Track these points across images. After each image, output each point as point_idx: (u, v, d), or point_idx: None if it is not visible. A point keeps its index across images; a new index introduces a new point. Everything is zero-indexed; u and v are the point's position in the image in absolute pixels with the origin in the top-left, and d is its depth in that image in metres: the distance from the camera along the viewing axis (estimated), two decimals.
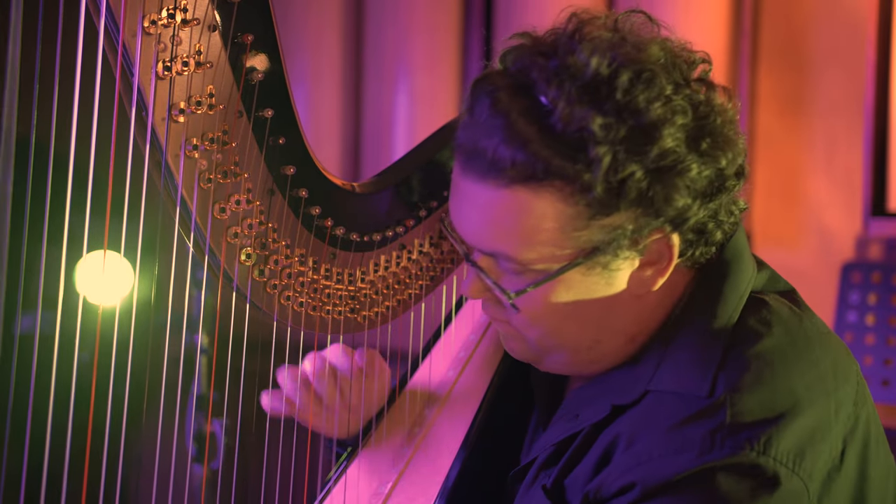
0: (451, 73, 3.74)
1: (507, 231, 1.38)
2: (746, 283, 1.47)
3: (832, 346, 1.45)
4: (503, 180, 1.34)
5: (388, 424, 1.74)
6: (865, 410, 1.44)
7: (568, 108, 1.31)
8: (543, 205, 1.34)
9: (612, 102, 1.31)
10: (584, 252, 1.37)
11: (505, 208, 1.36)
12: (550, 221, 1.35)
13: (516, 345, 1.52)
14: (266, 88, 1.47)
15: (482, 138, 1.35)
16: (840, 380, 1.41)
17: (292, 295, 1.59)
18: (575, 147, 1.31)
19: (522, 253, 1.38)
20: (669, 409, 1.37)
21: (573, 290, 1.41)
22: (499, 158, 1.33)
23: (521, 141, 1.32)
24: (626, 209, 1.34)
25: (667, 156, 1.32)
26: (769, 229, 3.50)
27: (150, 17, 1.36)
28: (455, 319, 1.86)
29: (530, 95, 1.34)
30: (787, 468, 1.31)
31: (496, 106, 1.35)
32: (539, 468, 1.49)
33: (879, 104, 3.32)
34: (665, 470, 1.32)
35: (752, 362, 1.37)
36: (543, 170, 1.32)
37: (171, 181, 1.44)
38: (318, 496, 1.69)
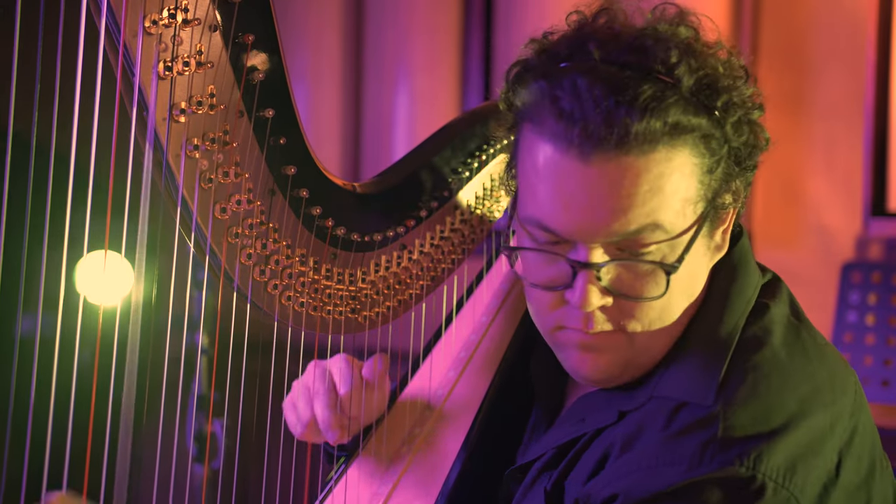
0: (451, 74, 3.74)
1: (656, 198, 1.34)
2: (752, 288, 1.47)
3: (829, 358, 1.45)
4: (648, 145, 1.33)
5: (389, 425, 1.74)
6: (862, 421, 1.43)
7: (686, 64, 1.35)
8: (682, 161, 1.35)
9: (707, 56, 1.38)
10: (709, 209, 1.39)
11: (653, 173, 1.34)
12: (688, 178, 1.36)
13: (604, 359, 1.43)
14: (267, 88, 1.47)
15: (612, 110, 1.31)
16: (837, 392, 1.41)
17: (293, 295, 1.58)
18: (704, 97, 1.36)
19: (672, 219, 1.36)
20: (664, 418, 1.37)
21: (695, 257, 1.41)
22: (642, 123, 1.32)
23: (658, 101, 1.32)
24: (727, 158, 1.39)
25: (748, 101, 1.40)
26: (769, 229, 3.50)
27: (152, 17, 1.36)
28: (456, 319, 1.86)
29: (636, 65, 1.35)
30: (777, 483, 1.30)
31: (610, 77, 1.33)
32: (540, 470, 1.49)
33: (879, 104, 3.32)
34: (651, 483, 1.31)
35: (749, 374, 1.37)
36: (685, 123, 1.34)
37: (172, 181, 1.44)
38: (318, 497, 1.69)
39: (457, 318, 1.86)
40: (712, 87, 1.36)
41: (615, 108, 1.31)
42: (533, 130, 1.39)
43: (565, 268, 1.39)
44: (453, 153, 1.72)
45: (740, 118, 1.39)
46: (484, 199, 1.77)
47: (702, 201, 1.38)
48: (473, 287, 1.89)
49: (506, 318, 1.82)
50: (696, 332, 1.43)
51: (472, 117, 1.77)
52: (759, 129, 1.42)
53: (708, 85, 1.36)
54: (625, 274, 1.38)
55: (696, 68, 1.36)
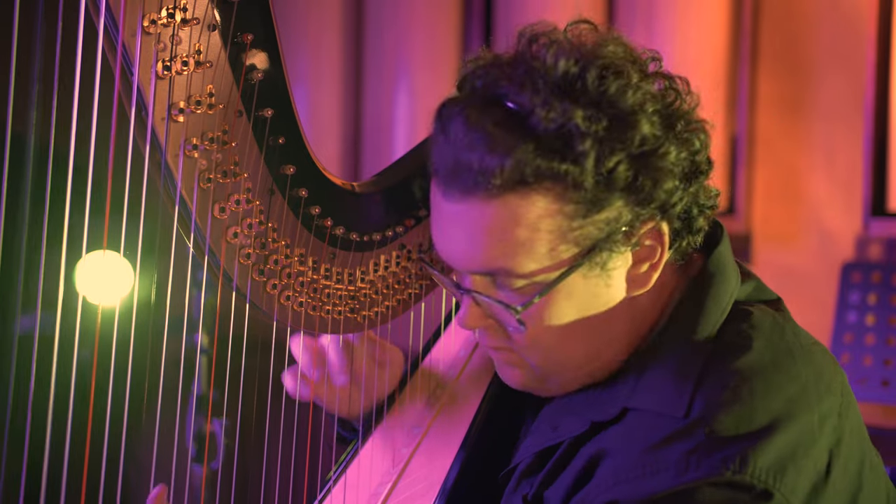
0: (450, 73, 3.74)
1: (504, 244, 1.36)
2: (729, 295, 1.46)
3: (815, 359, 1.44)
4: (492, 191, 1.34)
5: (388, 424, 1.74)
6: (850, 422, 1.43)
7: (545, 107, 1.32)
8: (536, 209, 1.34)
9: (587, 96, 1.33)
10: (583, 253, 1.37)
11: (498, 220, 1.35)
12: (545, 225, 1.35)
13: (515, 372, 1.50)
14: (266, 88, 1.47)
15: (463, 155, 1.34)
16: (823, 392, 1.40)
17: (292, 295, 1.58)
18: (560, 144, 1.32)
19: (522, 264, 1.37)
20: (648, 429, 1.37)
21: (575, 297, 1.40)
22: (485, 169, 1.33)
23: (505, 147, 1.32)
24: (617, 201, 1.35)
25: (647, 141, 1.34)
26: (769, 229, 3.50)
27: (150, 16, 1.36)
28: (455, 319, 1.86)
29: (503, 105, 1.35)
30: (767, 484, 1.30)
31: (471, 120, 1.35)
32: (521, 475, 1.50)
33: (879, 105, 3.32)
34: (644, 489, 1.31)
35: (731, 379, 1.36)
36: (532, 173, 1.32)
37: (171, 181, 1.44)
38: (317, 496, 1.69)
39: (456, 317, 1.86)
40: (574, 132, 1.32)
41: (468, 151, 1.34)
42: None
43: (454, 290, 1.50)
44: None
45: (619, 163, 1.33)
46: None
47: (570, 245, 1.36)
48: None
49: None
50: (667, 340, 1.43)
51: None
52: (660, 170, 1.35)
53: (567, 131, 1.32)
54: (489, 305, 1.43)
55: (557, 115, 1.32)
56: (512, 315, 1.40)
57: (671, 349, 1.42)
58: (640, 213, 1.36)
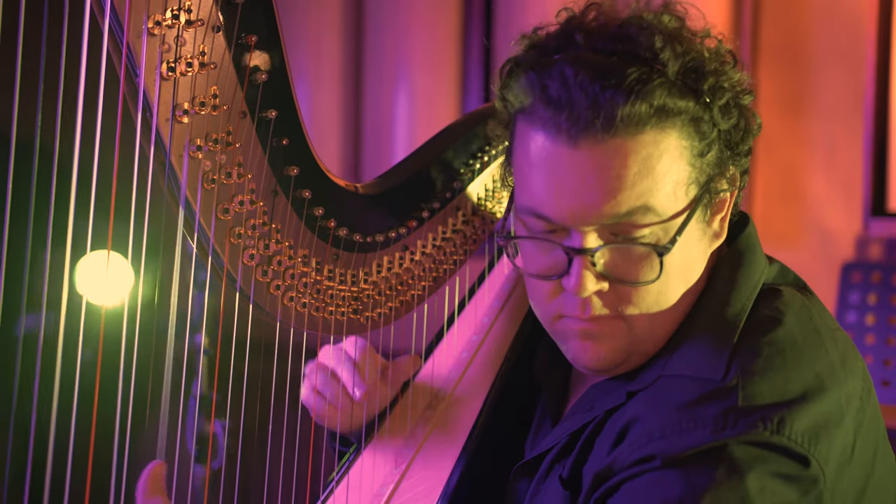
0: (451, 73, 3.74)
1: (646, 180, 1.35)
2: (759, 273, 1.48)
3: (840, 341, 1.46)
4: (635, 127, 1.34)
5: (391, 425, 1.74)
6: (872, 409, 1.44)
7: (671, 49, 1.36)
8: (671, 144, 1.36)
9: (692, 42, 1.40)
10: (701, 193, 1.40)
11: (642, 154, 1.35)
12: (678, 161, 1.37)
13: (604, 347, 1.44)
14: (270, 89, 1.47)
15: (600, 96, 1.33)
16: (848, 372, 1.41)
17: (295, 296, 1.59)
18: (689, 81, 1.37)
19: (663, 200, 1.37)
20: (681, 391, 1.37)
21: (690, 242, 1.41)
22: (629, 105, 1.33)
23: (643, 82, 1.34)
24: (720, 142, 1.40)
25: (737, 84, 1.42)
26: (769, 229, 3.50)
27: (155, 17, 1.36)
28: (458, 320, 1.86)
29: (622, 52, 1.37)
30: (803, 448, 1.31)
31: (596, 62, 1.36)
32: (553, 460, 1.49)
33: (879, 104, 3.32)
34: (682, 443, 1.31)
35: (765, 349, 1.38)
36: (668, 108, 1.35)
37: (175, 182, 1.44)
38: (320, 497, 1.69)
39: (459, 318, 1.86)
40: (698, 70, 1.38)
41: (601, 92, 1.33)
42: (525, 121, 1.42)
43: (561, 255, 1.41)
44: (455, 154, 1.72)
45: (728, 101, 1.40)
46: (486, 199, 1.77)
47: (694, 185, 1.39)
48: (475, 288, 1.89)
49: (508, 318, 1.82)
50: (701, 314, 1.44)
51: (473, 118, 1.77)
52: (749, 114, 1.44)
53: (693, 69, 1.38)
54: (619, 258, 1.39)
55: (681, 53, 1.37)
56: (648, 260, 1.38)
57: (705, 322, 1.43)
58: (730, 157, 1.42)
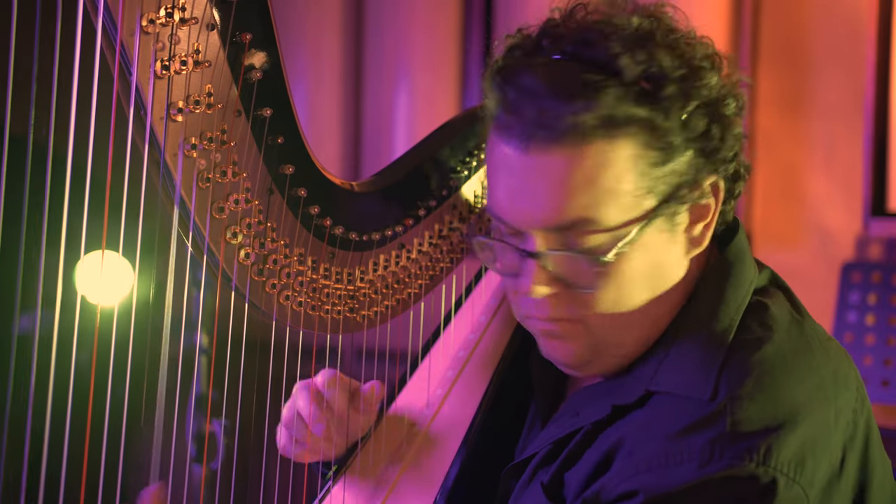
0: (451, 73, 3.74)
1: (591, 192, 1.35)
2: (748, 284, 1.47)
3: (832, 353, 1.45)
4: (583, 137, 1.34)
5: (388, 424, 1.73)
6: (864, 417, 1.44)
7: (630, 53, 1.34)
8: (623, 155, 1.35)
9: (664, 46, 1.37)
10: (660, 203, 1.38)
11: (587, 167, 1.34)
12: (630, 172, 1.35)
13: (570, 346, 1.45)
14: (264, 87, 1.47)
15: (548, 104, 1.34)
16: (840, 387, 1.41)
17: (291, 294, 1.58)
18: (647, 89, 1.35)
19: (607, 213, 1.36)
20: (671, 415, 1.36)
21: (649, 252, 1.40)
22: (575, 115, 1.33)
23: (594, 93, 1.33)
24: (689, 149, 1.37)
25: (714, 89, 1.39)
26: (769, 229, 3.50)
27: (149, 15, 1.36)
28: (454, 319, 1.86)
29: (581, 57, 1.36)
30: (788, 477, 1.30)
31: (554, 71, 1.36)
32: (537, 466, 1.49)
33: (879, 104, 3.32)
34: (666, 480, 1.31)
35: (754, 369, 1.36)
36: (620, 118, 1.33)
37: (170, 180, 1.44)
38: (317, 496, 1.69)
39: (455, 317, 1.86)
40: (658, 77, 1.35)
41: (550, 101, 1.34)
42: (492, 126, 1.43)
43: (516, 257, 1.43)
44: (452, 152, 1.72)
45: (697, 108, 1.37)
46: (483, 197, 1.77)
47: (651, 194, 1.37)
48: (472, 286, 1.89)
49: (504, 317, 1.82)
50: (688, 327, 1.43)
51: (470, 116, 1.76)
52: (728, 120, 1.41)
53: (654, 75, 1.35)
54: (568, 263, 1.40)
55: (642, 60, 1.35)
56: (592, 268, 1.38)
57: (693, 335, 1.42)
58: (705, 165, 1.39)
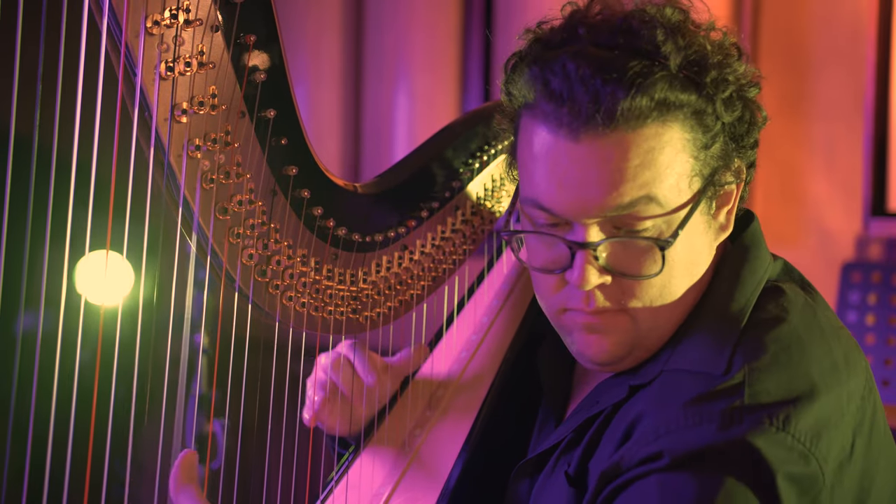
0: (451, 73, 3.74)
1: (649, 170, 1.36)
2: (764, 269, 1.49)
3: (844, 339, 1.46)
4: (638, 119, 1.35)
5: (390, 425, 1.74)
6: (872, 406, 1.44)
7: (673, 40, 1.37)
8: (673, 137, 1.36)
9: (695, 35, 1.40)
10: (705, 185, 1.40)
11: (642, 149, 1.35)
12: (681, 154, 1.37)
13: (609, 341, 1.44)
14: (268, 89, 1.47)
15: (602, 89, 1.34)
16: (851, 372, 1.42)
17: (294, 295, 1.59)
18: (692, 73, 1.37)
19: (666, 193, 1.37)
20: (686, 387, 1.37)
21: (694, 235, 1.42)
22: (631, 98, 1.34)
23: (644, 75, 1.34)
24: (724, 134, 1.40)
25: (742, 77, 1.42)
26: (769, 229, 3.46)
27: (153, 17, 1.36)
28: (457, 319, 1.86)
29: (623, 45, 1.37)
30: (805, 447, 1.31)
31: (603, 57, 1.36)
32: (559, 455, 1.49)
33: (879, 104, 3.32)
34: (689, 439, 1.31)
35: (770, 345, 1.38)
36: (671, 101, 1.35)
37: (174, 181, 1.44)
38: (319, 496, 1.69)
39: (458, 318, 1.86)
40: (700, 63, 1.38)
41: (602, 86, 1.34)
42: (528, 115, 1.42)
43: (564, 249, 1.41)
44: (455, 153, 1.72)
45: (732, 94, 1.40)
46: (485, 199, 1.77)
47: (698, 177, 1.39)
48: (475, 287, 1.89)
49: (507, 318, 1.82)
50: (705, 309, 1.45)
51: (473, 117, 1.77)
52: (754, 106, 1.44)
53: (696, 62, 1.38)
54: (621, 252, 1.40)
55: (684, 46, 1.37)
56: (649, 254, 1.39)
57: (708, 316, 1.44)
58: (736, 149, 1.42)
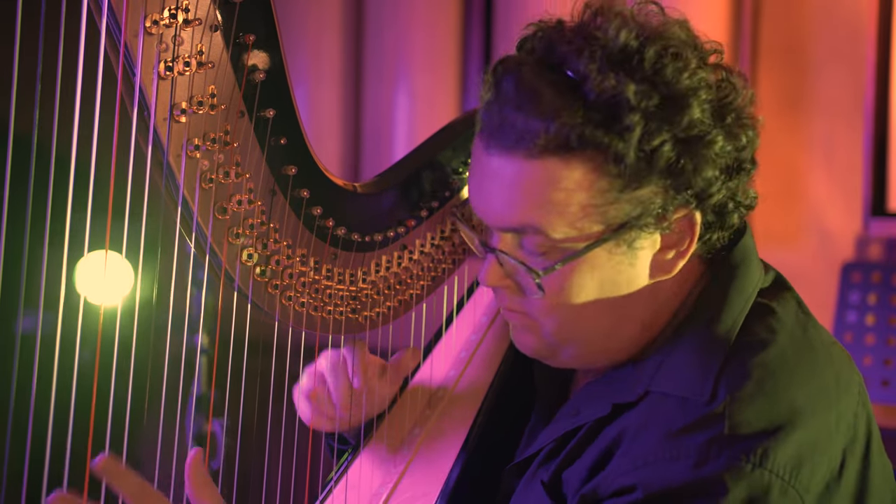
0: (451, 73, 3.74)
1: (537, 203, 1.36)
2: (752, 287, 1.47)
3: (835, 357, 1.45)
4: (534, 150, 1.34)
5: (390, 424, 1.74)
6: (864, 420, 1.44)
7: (600, 76, 1.32)
8: (575, 175, 1.34)
9: (643, 72, 1.33)
10: (613, 227, 1.37)
11: (535, 179, 1.35)
12: (581, 193, 1.35)
13: (529, 338, 1.49)
14: (267, 88, 1.47)
15: (510, 113, 1.35)
16: (842, 391, 1.41)
17: (293, 295, 1.58)
18: (608, 115, 1.32)
19: (552, 226, 1.37)
20: (669, 414, 1.37)
21: (598, 271, 1.40)
22: (529, 129, 1.33)
23: (553, 110, 1.33)
24: (656, 181, 1.35)
25: (695, 126, 1.34)
26: (769, 229, 3.49)
27: (152, 17, 1.36)
28: (456, 319, 1.86)
29: (559, 69, 1.36)
30: (784, 480, 1.31)
31: (524, 80, 1.36)
32: (539, 464, 1.49)
33: (879, 104, 3.32)
34: (663, 476, 1.31)
35: (754, 371, 1.37)
36: (576, 139, 1.32)
37: (173, 181, 1.44)
38: (318, 496, 1.69)
39: (457, 318, 1.86)
40: (621, 105, 1.32)
41: (516, 109, 1.35)
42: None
43: (480, 247, 1.51)
44: (454, 153, 1.72)
45: (664, 142, 1.33)
46: None
47: (602, 217, 1.36)
48: (474, 287, 1.89)
49: None
50: (691, 328, 1.44)
51: (472, 117, 1.76)
52: (705, 156, 1.35)
53: (616, 102, 1.32)
54: (513, 266, 1.43)
55: (610, 86, 1.32)
56: (532, 279, 1.41)
57: (695, 337, 1.43)
58: (676, 197, 1.36)
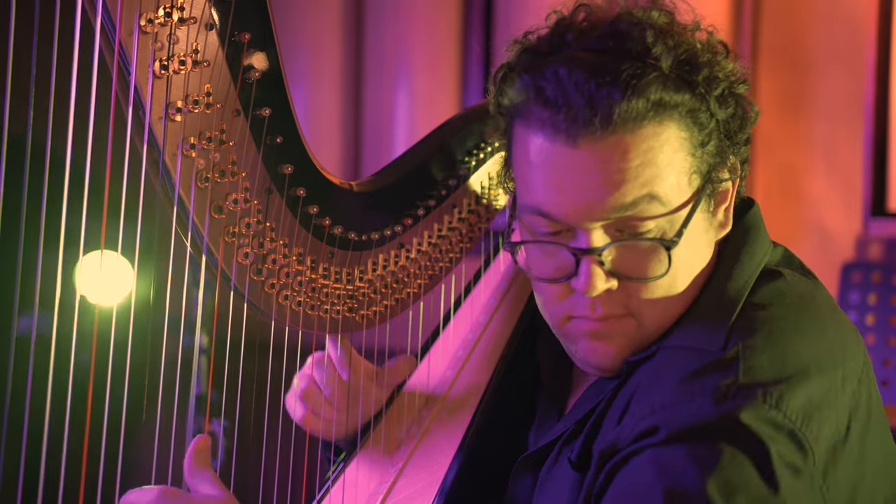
0: (451, 73, 3.74)
1: (649, 169, 1.36)
2: (763, 252, 1.49)
3: (842, 323, 1.46)
4: (632, 122, 1.35)
5: (387, 424, 1.73)
6: (868, 391, 1.43)
7: (661, 43, 1.38)
8: (672, 136, 1.37)
9: (683, 35, 1.41)
10: (704, 183, 1.41)
11: (642, 149, 1.36)
12: (680, 153, 1.38)
13: (613, 346, 1.44)
14: (263, 87, 1.47)
15: (596, 93, 1.35)
16: (848, 354, 1.41)
17: (290, 294, 1.58)
18: (683, 73, 1.38)
19: (668, 191, 1.37)
20: (681, 362, 1.37)
21: (696, 234, 1.42)
22: (626, 101, 1.34)
23: (638, 80, 1.35)
24: (718, 133, 1.41)
25: (731, 74, 1.43)
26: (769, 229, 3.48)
27: (147, 15, 1.36)
28: (453, 318, 1.86)
29: (612, 50, 1.38)
30: (795, 426, 1.30)
31: (593, 63, 1.37)
32: (561, 446, 1.49)
33: (879, 104, 3.32)
34: (684, 414, 1.30)
35: (765, 325, 1.38)
36: (664, 102, 1.36)
37: (169, 180, 1.43)
38: (316, 496, 1.69)
39: (455, 317, 1.86)
40: (691, 63, 1.39)
41: (596, 90, 1.35)
42: (522, 124, 1.42)
43: (568, 256, 1.41)
44: (451, 151, 1.72)
45: (724, 91, 1.41)
46: (482, 196, 1.77)
47: (697, 175, 1.40)
48: (471, 286, 1.89)
49: (504, 316, 1.82)
50: (705, 291, 1.45)
51: (469, 115, 1.76)
52: (745, 102, 1.45)
53: (686, 61, 1.39)
54: (626, 255, 1.40)
55: (673, 46, 1.38)
56: (655, 254, 1.39)
57: (707, 297, 1.44)
58: (730, 146, 1.43)
